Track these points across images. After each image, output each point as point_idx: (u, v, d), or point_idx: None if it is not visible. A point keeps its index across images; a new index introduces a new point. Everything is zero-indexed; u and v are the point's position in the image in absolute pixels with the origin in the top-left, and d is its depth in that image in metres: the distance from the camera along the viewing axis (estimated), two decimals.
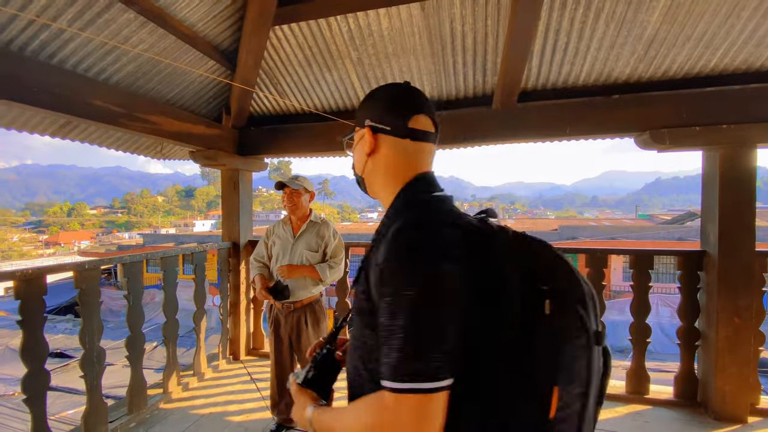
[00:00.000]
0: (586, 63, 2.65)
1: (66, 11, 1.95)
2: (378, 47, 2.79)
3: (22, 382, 1.75)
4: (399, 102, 0.73)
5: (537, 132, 2.75)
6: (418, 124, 0.71)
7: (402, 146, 0.70)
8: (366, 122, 0.73)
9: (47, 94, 1.89)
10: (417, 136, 0.71)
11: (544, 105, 2.79)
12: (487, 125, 2.84)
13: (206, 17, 2.53)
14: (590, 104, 2.70)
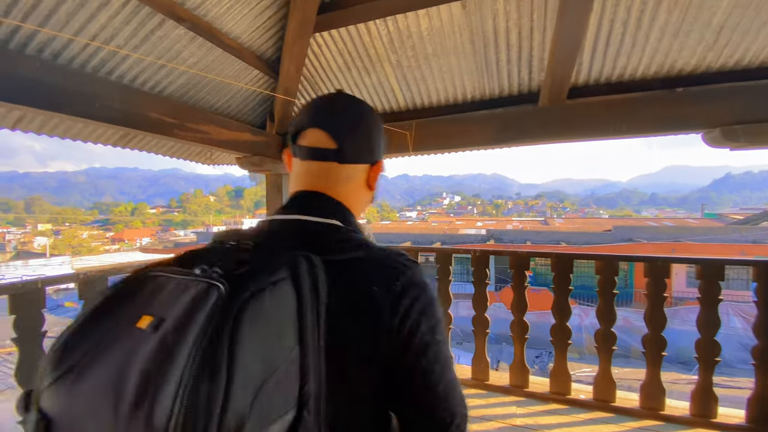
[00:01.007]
0: (645, 54, 2.44)
1: (123, 29, 2.10)
2: (417, 48, 2.74)
3: None
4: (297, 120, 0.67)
5: (588, 130, 2.57)
6: (303, 140, 0.64)
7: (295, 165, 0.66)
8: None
9: (108, 109, 2.04)
10: (298, 153, 0.65)
11: (596, 101, 2.60)
12: (533, 124, 2.70)
13: (250, 29, 2.62)
14: (650, 99, 2.48)
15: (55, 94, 1.87)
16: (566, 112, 2.62)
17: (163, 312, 0.37)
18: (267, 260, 0.43)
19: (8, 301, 1.66)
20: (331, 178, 0.62)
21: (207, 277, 0.39)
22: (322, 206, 0.60)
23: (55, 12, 1.85)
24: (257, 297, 0.38)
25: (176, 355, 0.33)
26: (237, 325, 0.35)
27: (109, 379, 0.34)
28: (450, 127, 2.93)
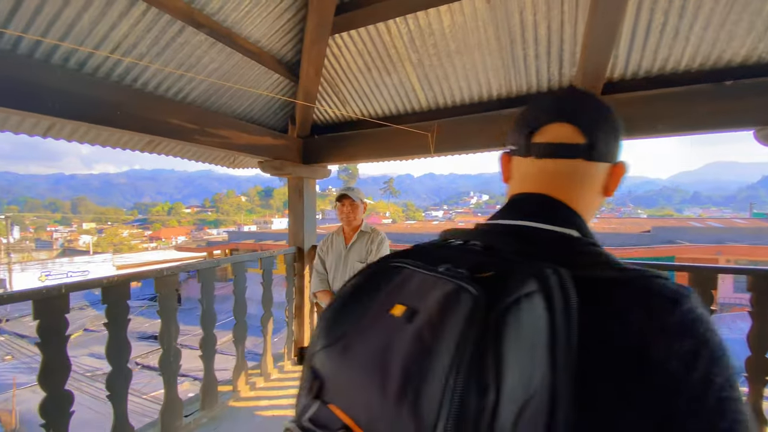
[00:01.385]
0: (689, 45, 2.23)
1: (144, 37, 2.13)
2: (439, 46, 2.64)
3: (107, 380, 1.94)
4: (527, 116, 0.60)
5: (625, 129, 2.37)
6: (542, 136, 0.56)
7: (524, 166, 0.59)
8: (507, 144, 0.63)
9: (129, 117, 2.08)
10: (538, 151, 0.56)
11: (634, 97, 2.40)
12: None
13: (269, 32, 2.61)
14: (695, 93, 2.26)
15: (79, 103, 1.92)
16: None
17: (415, 303, 0.39)
18: (512, 267, 0.39)
19: (32, 306, 1.70)
20: (574, 179, 0.54)
21: (453, 277, 0.39)
22: (555, 212, 0.53)
23: (78, 22, 1.89)
24: (514, 309, 0.35)
25: (435, 355, 0.34)
26: (500, 338, 0.34)
27: (373, 359, 0.38)
28: (473, 126, 2.81)
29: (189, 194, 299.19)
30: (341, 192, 2.25)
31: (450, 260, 0.42)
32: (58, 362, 1.77)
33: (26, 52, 1.85)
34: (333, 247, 2.34)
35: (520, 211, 0.54)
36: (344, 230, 2.35)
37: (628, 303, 0.41)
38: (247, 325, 2.88)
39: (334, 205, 2.29)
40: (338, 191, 2.24)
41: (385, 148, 3.17)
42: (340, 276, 2.27)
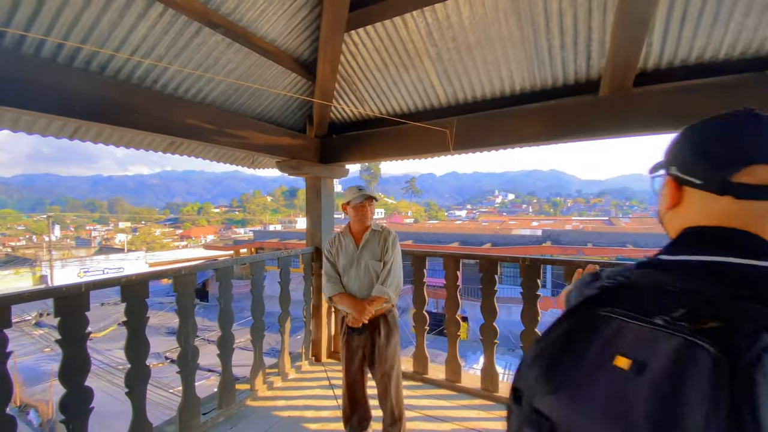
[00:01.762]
0: (729, 31, 2.04)
1: (162, 39, 2.15)
2: (458, 39, 2.54)
3: (126, 377, 1.97)
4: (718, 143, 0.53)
5: (659, 122, 2.21)
6: (748, 177, 0.50)
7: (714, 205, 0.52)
8: (671, 168, 0.58)
9: (147, 117, 2.10)
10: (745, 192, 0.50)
11: (669, 88, 2.23)
12: (591, 116, 2.39)
13: (285, 31, 2.59)
14: (736, 83, 2.07)
15: (100, 105, 1.95)
16: (632, 101, 2.28)
17: (640, 357, 0.40)
18: (736, 316, 0.39)
19: (53, 303, 1.74)
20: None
21: (676, 330, 0.39)
22: (761, 246, 0.48)
23: (97, 25, 1.93)
24: (758, 365, 0.35)
25: (682, 410, 0.35)
26: (753, 396, 0.34)
27: (610, 409, 0.41)
28: (495, 122, 2.69)
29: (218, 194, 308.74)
30: (369, 194, 2.19)
31: (658, 307, 0.43)
32: (79, 360, 1.81)
33: (49, 56, 1.90)
34: (343, 248, 2.26)
35: (713, 245, 0.49)
36: (352, 230, 2.27)
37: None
38: (264, 324, 2.89)
39: (354, 204, 2.19)
40: (360, 193, 2.17)
41: (403, 146, 3.10)
42: (354, 277, 2.18)
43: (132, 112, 2.02)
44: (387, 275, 2.14)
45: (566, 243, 16.50)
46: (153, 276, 2.17)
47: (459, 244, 18.66)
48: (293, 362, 3.25)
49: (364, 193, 2.17)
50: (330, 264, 2.27)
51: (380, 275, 2.15)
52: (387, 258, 2.17)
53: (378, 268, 2.17)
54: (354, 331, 2.14)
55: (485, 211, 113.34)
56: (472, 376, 2.95)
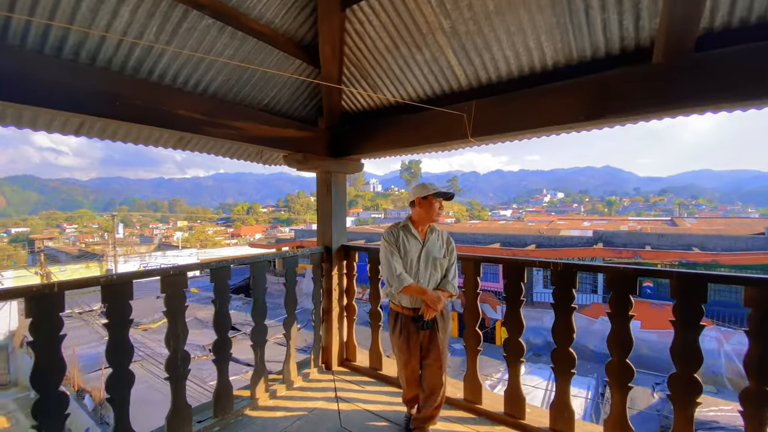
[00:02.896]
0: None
1: (149, 24, 2.02)
2: (475, 7, 2.19)
3: (107, 380, 1.85)
4: None
5: (729, 94, 1.72)
6: None
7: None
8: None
9: (130, 107, 1.97)
10: None
11: (741, 51, 1.73)
12: (644, 89, 1.93)
13: (281, 11, 2.39)
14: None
15: (80, 95, 1.84)
16: (695, 68, 1.81)
17: None
18: None
19: (24, 303, 1.65)
20: None
21: None
22: None
23: (78, 11, 1.82)
24: None
25: None
26: None
27: None
28: (522, 104, 2.29)
29: (266, 195, 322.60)
30: (451, 192, 2.25)
31: None
32: (52, 362, 1.70)
33: (35, 48, 1.82)
34: (409, 242, 2.26)
35: None
36: (416, 225, 2.29)
37: None
38: (266, 328, 2.71)
39: (429, 199, 2.23)
40: (435, 189, 2.21)
41: (419, 136, 2.77)
42: (423, 270, 2.21)
43: (114, 102, 1.89)
44: (453, 272, 2.27)
45: (620, 245, 15.09)
46: (135, 276, 2.04)
47: (500, 245, 17.80)
48: (301, 369, 3.05)
49: (439, 190, 2.22)
50: (396, 255, 2.22)
51: (447, 271, 2.25)
52: (451, 258, 2.29)
53: (444, 264, 2.26)
54: (424, 326, 2.15)
55: (532, 211, 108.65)
56: (495, 396, 2.58)
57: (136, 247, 37.81)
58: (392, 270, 2.17)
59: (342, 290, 3.26)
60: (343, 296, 3.27)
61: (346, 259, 3.27)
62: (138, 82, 2.13)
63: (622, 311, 1.99)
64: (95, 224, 77.51)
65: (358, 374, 3.11)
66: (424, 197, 2.22)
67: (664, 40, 1.85)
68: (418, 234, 2.28)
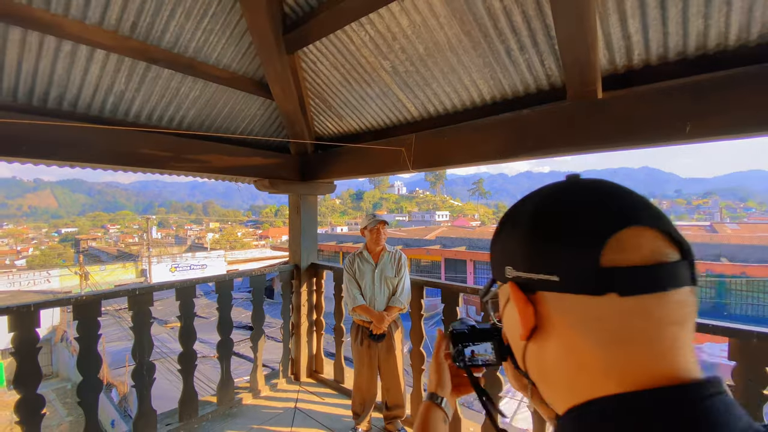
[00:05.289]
0: (735, 12, 1.57)
1: (117, 77, 2.31)
2: (408, 51, 2.34)
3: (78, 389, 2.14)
4: (577, 219, 0.36)
5: (631, 136, 1.80)
6: (626, 253, 0.33)
7: (596, 313, 0.34)
8: (507, 271, 0.40)
9: (97, 152, 2.27)
10: (630, 283, 0.33)
11: (651, 90, 1.80)
12: (556, 129, 2.03)
13: (237, 56, 2.63)
14: (745, 78, 1.59)
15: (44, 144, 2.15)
16: (602, 110, 1.89)
17: None
18: None
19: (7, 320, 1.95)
20: (690, 327, 0.34)
21: None
22: (730, 414, 0.30)
23: (55, 71, 2.13)
24: None
25: None
26: None
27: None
28: (451, 138, 2.43)
29: None
30: (380, 219, 2.63)
31: None
32: (31, 372, 2.01)
33: None
34: (364, 267, 2.64)
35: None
36: (370, 250, 2.68)
37: None
38: (232, 342, 2.96)
39: (370, 228, 2.64)
40: (373, 219, 2.63)
41: (370, 164, 2.96)
42: (377, 291, 2.58)
43: (76, 147, 2.19)
44: (401, 289, 2.58)
45: None
46: (106, 296, 2.34)
47: None
48: (270, 379, 3.28)
49: (377, 219, 2.62)
50: (355, 281, 2.64)
51: (396, 289, 2.58)
52: (400, 275, 2.62)
53: (393, 283, 2.60)
54: (375, 338, 2.53)
55: None
56: None
57: (170, 248, 39.83)
58: (348, 292, 2.61)
59: (311, 306, 3.48)
60: (312, 311, 3.48)
61: (315, 277, 3.48)
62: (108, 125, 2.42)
63: None
64: (135, 225, 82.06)
65: (324, 386, 3.31)
66: (365, 227, 2.65)
67: (569, 81, 1.95)
68: (370, 258, 2.68)
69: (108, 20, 2.05)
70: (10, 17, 1.76)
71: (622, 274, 0.32)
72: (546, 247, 0.36)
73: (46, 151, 2.12)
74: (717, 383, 0.31)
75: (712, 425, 0.28)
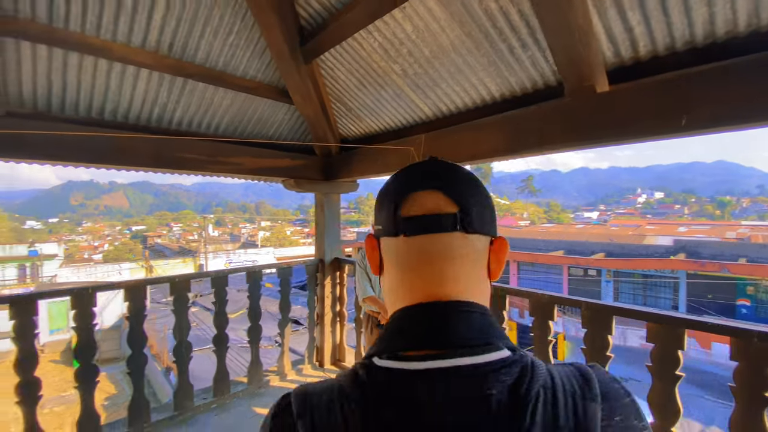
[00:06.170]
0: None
1: (159, 90, 2.64)
2: (415, 54, 2.45)
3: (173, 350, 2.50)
4: (390, 187, 0.51)
5: (624, 131, 1.77)
6: (412, 208, 0.47)
7: (396, 249, 0.48)
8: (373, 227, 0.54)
9: (143, 157, 2.61)
10: (410, 227, 0.46)
11: (647, 83, 1.77)
12: (554, 125, 2.04)
13: (262, 67, 2.88)
14: (743, 68, 1.52)
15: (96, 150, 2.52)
16: (599, 106, 1.88)
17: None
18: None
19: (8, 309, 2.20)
20: (462, 260, 0.46)
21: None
22: (468, 323, 0.43)
23: (108, 87, 2.50)
24: None
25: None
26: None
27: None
28: (457, 137, 2.50)
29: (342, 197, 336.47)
30: None
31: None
32: (87, 343, 2.39)
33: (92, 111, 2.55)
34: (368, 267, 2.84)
35: (428, 336, 0.42)
36: None
37: None
38: (261, 328, 3.23)
39: None
40: None
41: (383, 163, 3.09)
42: None
43: (127, 153, 2.54)
44: None
45: (707, 256, 13.21)
46: (150, 282, 2.69)
47: (565, 253, 16.72)
48: (296, 365, 3.53)
49: None
50: (363, 273, 2.82)
51: None
52: None
53: None
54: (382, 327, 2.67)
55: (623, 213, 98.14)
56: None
57: (225, 245, 42.65)
58: (359, 284, 2.77)
59: (335, 297, 3.68)
60: (336, 303, 3.68)
61: (338, 270, 3.68)
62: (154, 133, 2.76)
63: (544, 336, 2.10)
64: (195, 223, 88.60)
65: None
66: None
67: (565, 78, 1.95)
68: None
69: (149, 42, 2.37)
70: (68, 44, 2.12)
71: (407, 221, 0.46)
72: (378, 208, 0.51)
73: (101, 157, 2.49)
74: (477, 306, 0.45)
75: (448, 323, 0.42)
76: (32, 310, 2.20)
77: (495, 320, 0.46)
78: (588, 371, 0.42)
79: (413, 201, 0.47)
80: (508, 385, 0.38)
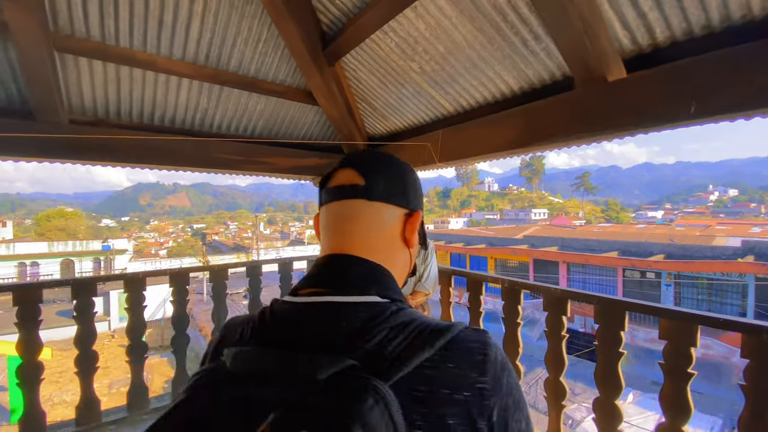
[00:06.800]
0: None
1: (200, 98, 2.92)
2: (430, 52, 2.49)
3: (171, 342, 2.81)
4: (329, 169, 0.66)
5: (632, 120, 1.70)
6: (332, 182, 0.59)
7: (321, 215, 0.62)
8: None
9: (186, 158, 2.90)
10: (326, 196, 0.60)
11: (661, 71, 1.69)
12: (565, 117, 2.00)
13: (290, 71, 3.07)
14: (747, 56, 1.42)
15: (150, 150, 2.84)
16: (608, 96, 1.82)
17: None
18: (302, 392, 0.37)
19: (123, 284, 2.66)
20: (361, 222, 0.55)
21: None
22: (352, 271, 0.52)
23: (156, 96, 2.82)
24: None
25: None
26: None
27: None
28: (472, 132, 2.51)
29: None
30: None
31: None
32: (138, 322, 2.71)
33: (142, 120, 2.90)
34: None
35: (318, 278, 0.53)
36: None
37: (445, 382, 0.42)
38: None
39: None
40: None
41: (415, 159, 3.15)
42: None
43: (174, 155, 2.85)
44: (427, 275, 2.62)
45: None
46: (192, 270, 2.98)
47: (619, 254, 15.63)
48: None
49: None
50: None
51: (422, 275, 2.61)
52: (427, 262, 2.65)
53: (420, 269, 2.64)
54: None
55: (691, 212, 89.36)
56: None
57: (275, 242, 44.83)
58: None
59: None
60: None
61: None
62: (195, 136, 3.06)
63: (557, 331, 2.07)
64: (249, 222, 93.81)
65: None
66: None
67: (573, 69, 1.91)
68: None
69: (188, 54, 2.64)
70: (119, 58, 2.43)
71: (327, 191, 0.59)
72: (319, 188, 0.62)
73: (153, 159, 2.81)
74: (369, 262, 0.53)
75: (338, 271, 0.52)
76: (143, 286, 2.74)
77: (386, 275, 0.54)
78: (448, 328, 0.45)
79: (334, 177, 0.59)
80: (361, 320, 0.46)
